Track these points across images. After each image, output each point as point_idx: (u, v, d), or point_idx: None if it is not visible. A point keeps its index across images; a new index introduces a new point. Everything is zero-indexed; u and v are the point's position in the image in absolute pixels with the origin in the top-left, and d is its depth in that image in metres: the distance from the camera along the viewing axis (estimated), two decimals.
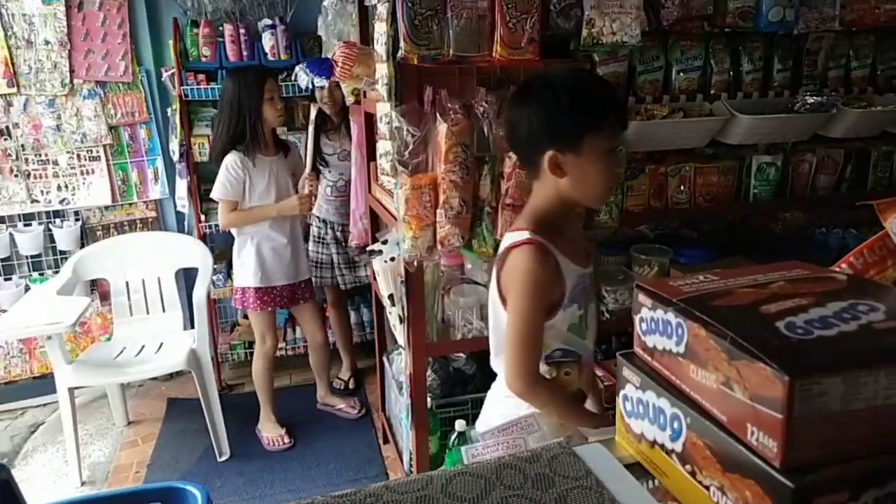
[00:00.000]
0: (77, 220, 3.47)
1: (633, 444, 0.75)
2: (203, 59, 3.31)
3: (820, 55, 2.35)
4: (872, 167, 2.41)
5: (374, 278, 2.65)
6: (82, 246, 3.39)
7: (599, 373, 2.02)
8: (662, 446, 0.69)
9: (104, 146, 3.43)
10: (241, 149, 2.72)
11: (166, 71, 3.39)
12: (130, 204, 3.56)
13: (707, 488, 0.62)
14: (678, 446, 0.66)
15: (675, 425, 0.66)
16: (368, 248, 2.37)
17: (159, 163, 3.54)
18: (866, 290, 0.66)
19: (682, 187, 2.21)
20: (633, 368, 0.74)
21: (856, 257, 0.78)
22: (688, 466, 0.65)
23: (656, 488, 0.72)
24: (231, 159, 2.72)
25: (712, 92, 2.24)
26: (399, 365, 2.60)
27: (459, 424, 1.88)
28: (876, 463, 0.54)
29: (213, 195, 2.80)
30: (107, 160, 3.45)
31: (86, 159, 3.41)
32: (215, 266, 3.35)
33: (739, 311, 0.62)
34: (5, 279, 3.42)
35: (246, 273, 2.88)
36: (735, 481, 0.58)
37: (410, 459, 2.31)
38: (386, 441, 2.97)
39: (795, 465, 0.53)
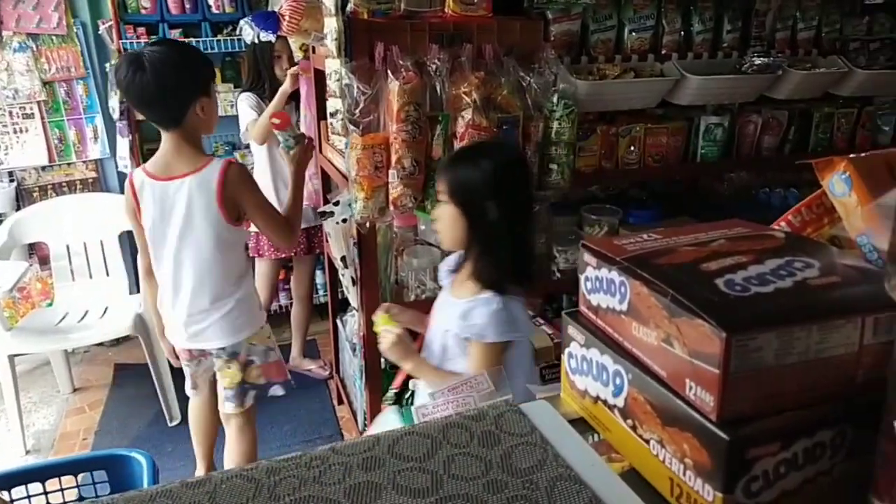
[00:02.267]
0: (11, 181, 3.31)
1: (577, 401, 0.76)
2: (143, 12, 3.17)
3: (768, 16, 2.38)
4: (814, 128, 2.47)
5: (327, 240, 2.62)
6: (18, 208, 3.24)
7: (549, 331, 2.05)
8: (605, 402, 0.70)
9: (38, 103, 3.26)
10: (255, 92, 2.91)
11: (103, 23, 3.22)
12: (69, 164, 3.41)
13: (647, 442, 0.63)
14: (620, 402, 0.67)
15: (618, 381, 0.67)
16: (319, 210, 2.33)
17: (98, 121, 3.39)
18: (803, 248, 0.67)
19: (632, 148, 2.23)
20: (578, 326, 0.74)
21: (794, 215, 0.80)
22: (629, 421, 0.66)
23: (599, 442, 0.74)
24: (243, 95, 2.89)
25: (663, 52, 2.25)
26: (352, 327, 2.59)
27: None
28: (806, 414, 0.56)
29: (242, 133, 2.92)
30: (42, 118, 3.28)
31: (18, 117, 3.24)
32: None
33: (680, 269, 0.63)
34: None
35: None
36: (674, 435, 0.59)
37: (365, 419, 2.32)
38: (340, 402, 2.98)
39: (731, 418, 0.54)
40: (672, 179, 2.81)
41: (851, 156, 0.68)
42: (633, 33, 2.20)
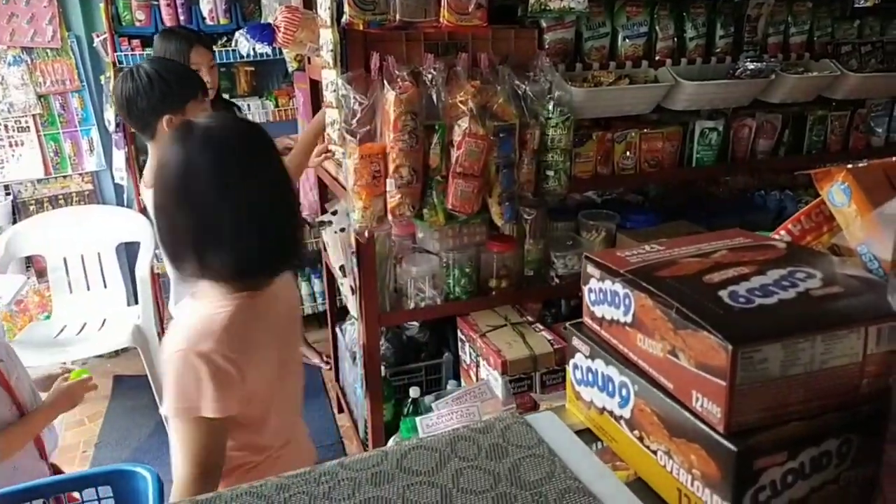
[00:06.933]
0: (7, 194, 3.31)
1: (583, 411, 0.77)
2: (137, 24, 3.16)
3: (760, 21, 2.39)
4: (808, 131, 2.48)
5: (325, 249, 2.62)
6: (14, 221, 3.23)
7: (549, 336, 2.05)
8: (611, 413, 0.71)
9: (33, 116, 3.26)
10: None
11: (98, 36, 3.22)
12: (65, 177, 3.40)
13: (654, 453, 0.64)
14: (626, 413, 0.68)
15: (624, 393, 0.68)
16: (318, 220, 2.33)
17: (94, 133, 3.39)
18: (804, 258, 0.68)
19: (628, 153, 2.24)
20: (583, 338, 0.75)
21: (793, 224, 0.81)
22: (636, 432, 0.67)
23: (603, 450, 0.74)
24: None
25: (657, 58, 2.25)
26: (352, 335, 2.59)
27: (413, 391, 1.90)
28: (812, 424, 0.56)
29: None
30: (37, 131, 3.28)
31: (14, 130, 3.24)
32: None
33: (684, 281, 0.64)
34: None
35: None
36: (681, 446, 0.60)
37: (366, 428, 2.32)
38: (341, 410, 2.98)
39: (738, 429, 0.55)
40: (668, 184, 2.82)
41: (850, 166, 0.69)
42: (627, 40, 2.21)
